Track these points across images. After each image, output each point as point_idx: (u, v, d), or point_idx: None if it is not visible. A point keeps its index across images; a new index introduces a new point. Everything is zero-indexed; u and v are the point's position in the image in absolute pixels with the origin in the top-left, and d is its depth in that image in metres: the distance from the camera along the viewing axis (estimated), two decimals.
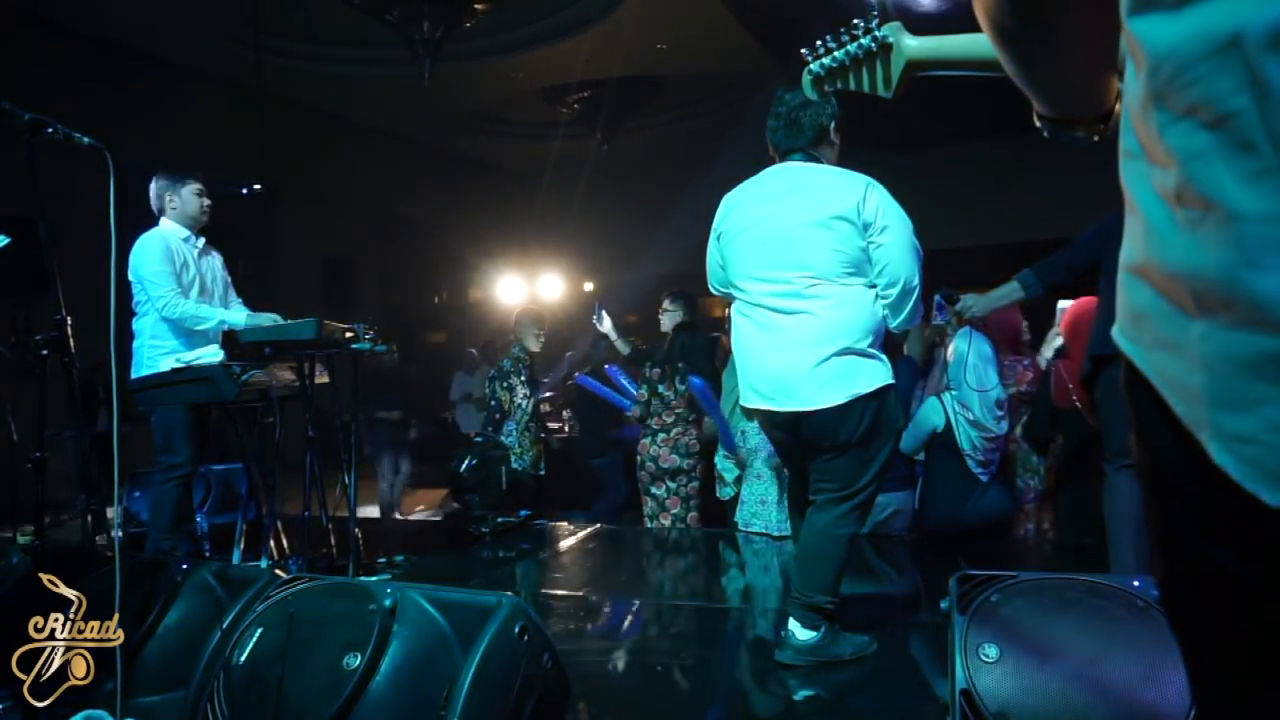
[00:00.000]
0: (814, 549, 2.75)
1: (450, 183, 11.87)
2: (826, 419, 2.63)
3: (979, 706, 1.70)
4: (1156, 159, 0.60)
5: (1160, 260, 0.61)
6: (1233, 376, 0.55)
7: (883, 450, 2.72)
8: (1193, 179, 0.56)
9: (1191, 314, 0.57)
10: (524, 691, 1.82)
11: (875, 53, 1.15)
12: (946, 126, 8.99)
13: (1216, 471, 0.56)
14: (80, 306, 2.40)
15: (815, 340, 2.61)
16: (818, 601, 2.69)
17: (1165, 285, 0.60)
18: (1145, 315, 0.63)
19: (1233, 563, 0.60)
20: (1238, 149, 0.53)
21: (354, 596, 1.97)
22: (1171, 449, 0.62)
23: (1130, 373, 0.66)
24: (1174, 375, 0.60)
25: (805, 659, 2.70)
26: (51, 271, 2.27)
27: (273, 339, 3.52)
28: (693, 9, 7.95)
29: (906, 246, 2.61)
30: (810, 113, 2.70)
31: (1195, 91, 0.55)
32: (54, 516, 5.32)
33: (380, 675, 1.81)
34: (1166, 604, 0.71)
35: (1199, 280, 0.56)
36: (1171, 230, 0.59)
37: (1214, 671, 0.67)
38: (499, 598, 1.89)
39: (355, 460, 3.92)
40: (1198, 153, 0.55)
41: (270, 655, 1.91)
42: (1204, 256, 0.56)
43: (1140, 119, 0.61)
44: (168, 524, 3.65)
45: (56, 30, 7.43)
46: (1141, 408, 0.65)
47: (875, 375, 2.65)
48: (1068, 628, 1.76)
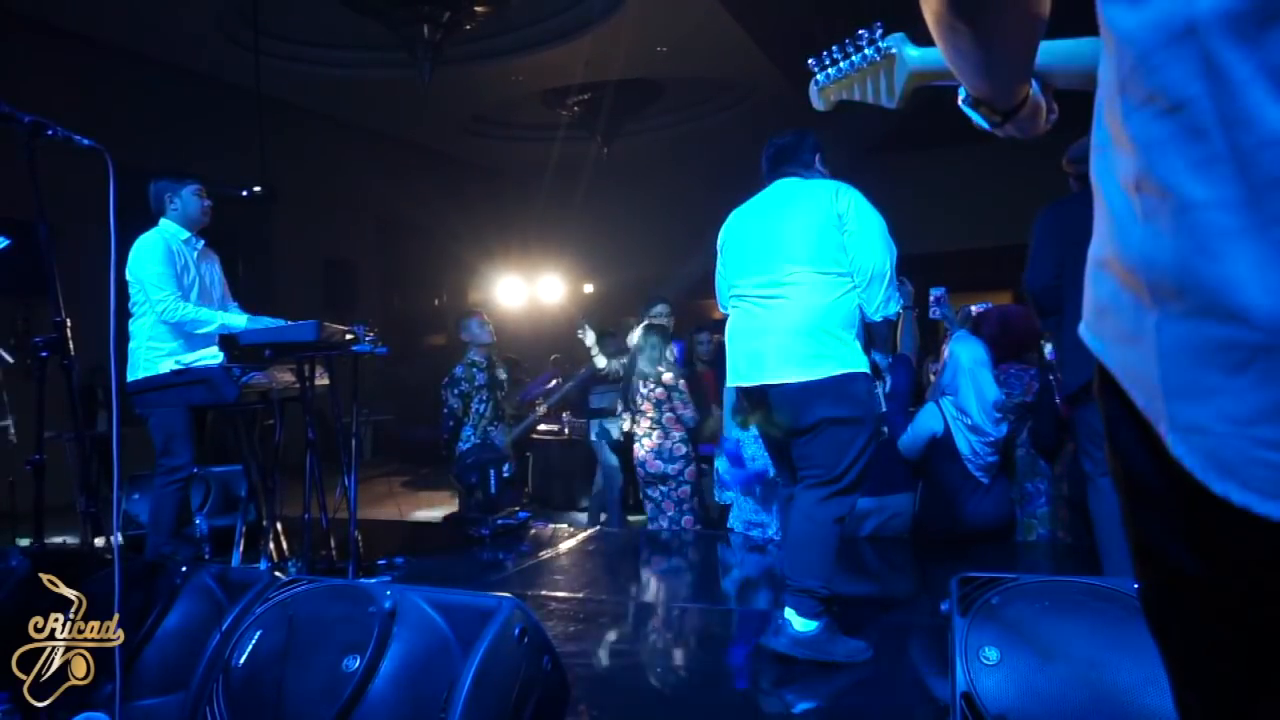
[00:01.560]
0: (799, 534, 2.86)
1: (450, 185, 11.87)
2: (793, 395, 2.80)
3: (979, 709, 1.70)
4: (1121, 148, 0.60)
5: (1120, 252, 0.61)
6: (1186, 366, 0.55)
7: (858, 436, 2.80)
8: (1151, 167, 0.56)
9: (1147, 305, 0.58)
10: (524, 694, 1.82)
11: (880, 64, 1.16)
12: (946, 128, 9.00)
13: (1176, 466, 0.56)
14: (79, 308, 2.40)
15: (787, 321, 2.83)
16: (808, 585, 2.75)
17: (1125, 277, 0.60)
18: (1107, 309, 0.63)
19: (1193, 561, 0.60)
20: (1190, 136, 0.53)
21: (354, 599, 1.97)
22: (1136, 446, 0.62)
23: (1101, 375, 0.66)
24: (1135, 368, 0.60)
25: (798, 651, 2.73)
26: (51, 273, 2.27)
27: (273, 341, 3.52)
28: (693, 11, 7.96)
29: (876, 236, 2.82)
30: (793, 144, 3.01)
31: (1154, 79, 0.55)
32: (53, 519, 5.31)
33: (380, 677, 1.80)
34: (1144, 610, 0.70)
35: (1154, 270, 0.57)
36: (1131, 221, 0.59)
37: (1189, 674, 0.67)
38: (499, 600, 1.89)
39: (355, 462, 3.92)
40: (1155, 141, 0.56)
41: (270, 657, 1.91)
42: (1159, 245, 0.56)
43: (1108, 107, 0.62)
44: (167, 526, 3.65)
45: (56, 32, 7.43)
46: (1110, 408, 0.65)
47: (843, 359, 2.79)
48: (1069, 631, 1.76)
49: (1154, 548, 0.64)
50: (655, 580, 4.32)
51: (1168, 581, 0.64)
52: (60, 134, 2.24)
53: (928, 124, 8.56)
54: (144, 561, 2.78)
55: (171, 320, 3.64)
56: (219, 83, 8.61)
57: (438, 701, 1.74)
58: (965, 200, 11.09)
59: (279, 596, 2.06)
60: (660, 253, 10.44)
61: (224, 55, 8.18)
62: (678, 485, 4.89)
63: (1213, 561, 0.59)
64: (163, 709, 2.11)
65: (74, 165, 2.37)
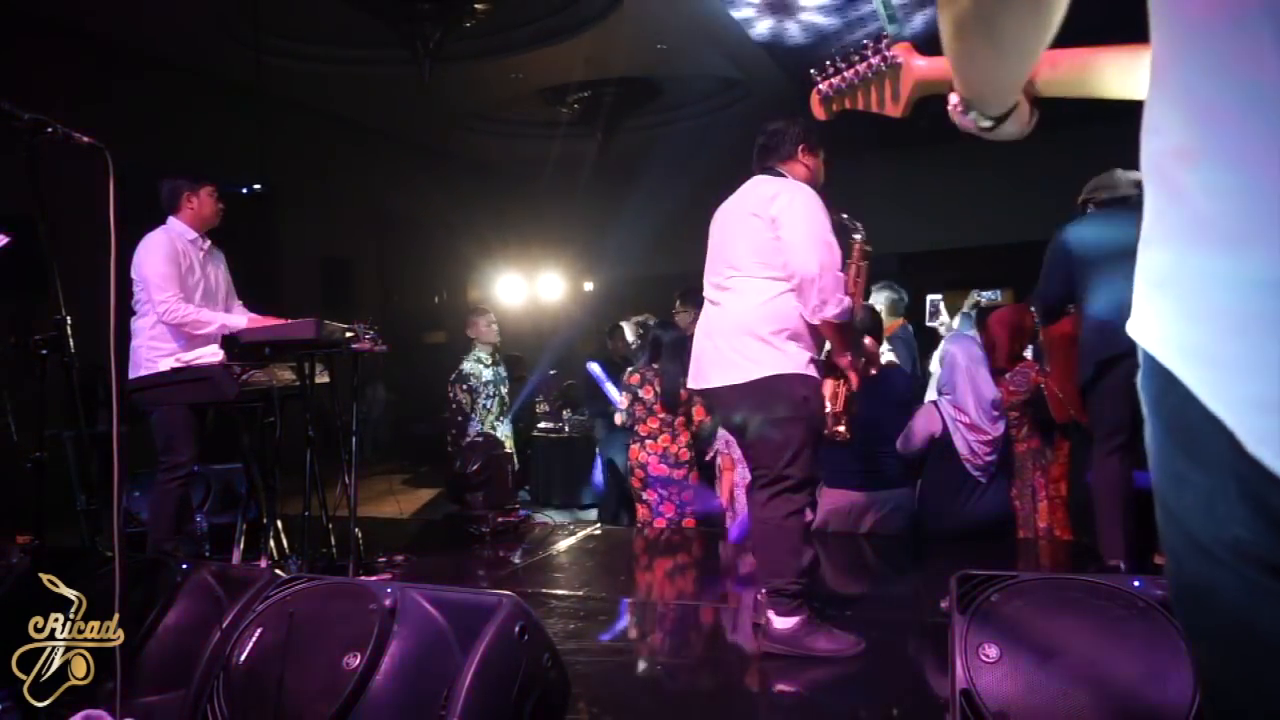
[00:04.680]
0: (756, 535, 2.93)
1: (450, 182, 11.86)
2: (727, 398, 2.90)
3: (979, 706, 1.70)
4: (1176, 128, 0.61)
5: (1176, 229, 0.61)
6: (1256, 339, 0.54)
7: (793, 436, 2.81)
8: (1216, 141, 0.57)
9: (1208, 281, 0.57)
10: (524, 691, 1.82)
11: (884, 73, 1.16)
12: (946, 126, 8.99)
13: (1244, 452, 0.55)
14: (80, 306, 2.40)
15: (719, 325, 2.91)
16: (775, 584, 2.81)
17: (1181, 252, 0.60)
18: (1163, 284, 0.63)
19: (1264, 546, 0.58)
20: (1257, 109, 0.54)
21: (354, 596, 1.97)
22: (1195, 435, 0.60)
23: (1149, 362, 0.65)
24: (1193, 343, 0.60)
25: (779, 648, 2.80)
26: (51, 271, 2.27)
27: (272, 339, 3.52)
28: (692, 9, 7.95)
29: (805, 239, 2.78)
30: (777, 136, 2.99)
31: (1214, 57, 0.57)
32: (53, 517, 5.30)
33: (380, 675, 1.81)
34: (1181, 605, 0.68)
35: (1216, 240, 0.57)
36: (1190, 198, 0.59)
37: (1226, 673, 0.66)
38: (499, 597, 1.89)
39: (355, 460, 3.92)
40: (1216, 117, 0.57)
41: (270, 655, 1.91)
42: (1225, 216, 0.56)
43: (1157, 87, 0.63)
44: (168, 524, 3.65)
45: (56, 30, 7.42)
46: (1161, 397, 0.64)
47: (770, 362, 2.81)
48: (1068, 628, 1.76)
49: (1207, 542, 0.62)
50: (655, 578, 4.32)
51: (1217, 576, 0.62)
52: (60, 131, 2.24)
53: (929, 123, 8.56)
54: (144, 559, 2.78)
55: (172, 321, 3.64)
56: (219, 79, 8.60)
57: (438, 699, 1.74)
58: (965, 200, 11.08)
59: (279, 594, 2.06)
60: (660, 251, 10.43)
61: (224, 52, 8.16)
62: (681, 489, 4.88)
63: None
64: (163, 706, 2.12)
65: (74, 162, 2.36)
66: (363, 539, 3.93)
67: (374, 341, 3.83)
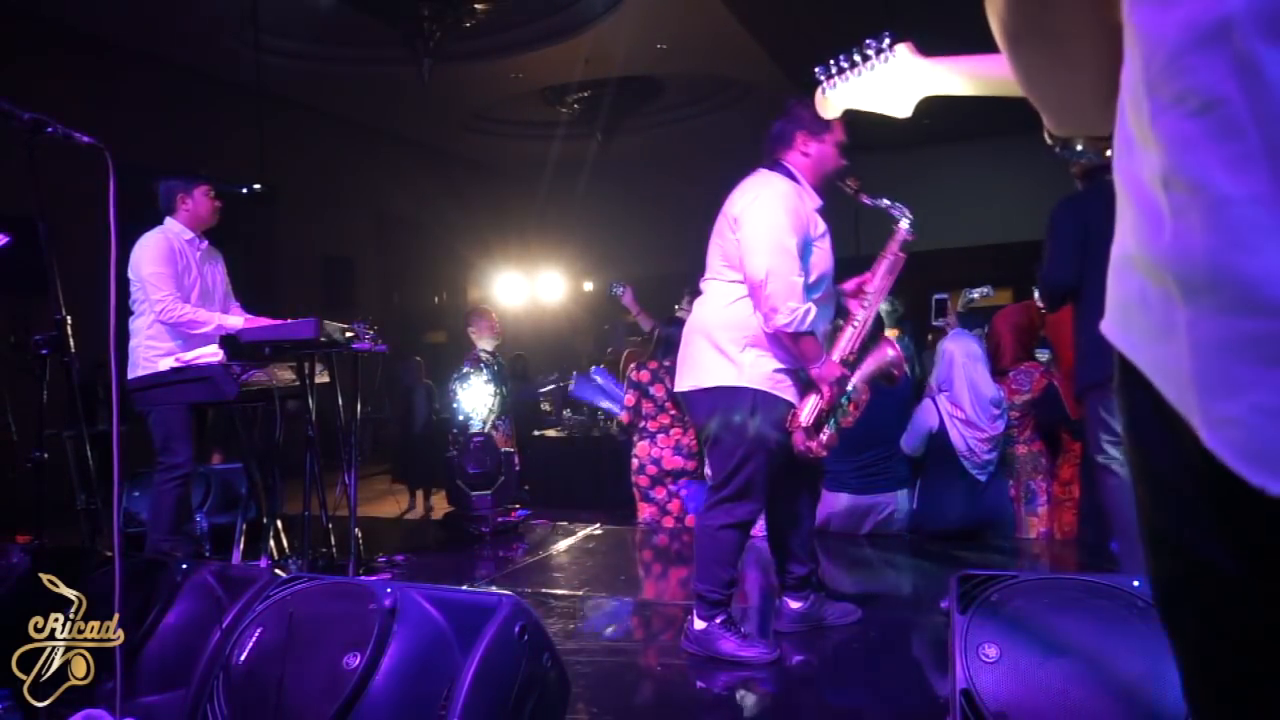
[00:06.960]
0: (695, 537, 2.93)
1: (450, 182, 11.87)
2: (686, 402, 2.92)
3: (979, 706, 1.70)
4: (1147, 148, 0.60)
5: (1148, 249, 0.61)
6: (1219, 361, 0.55)
7: (735, 451, 2.74)
8: (1181, 166, 0.56)
9: (1178, 301, 0.58)
10: (524, 691, 1.82)
11: (888, 73, 1.16)
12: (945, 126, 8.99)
13: (1207, 458, 0.56)
14: (80, 306, 2.40)
15: (688, 330, 2.90)
16: (697, 589, 2.84)
17: (1153, 274, 0.61)
18: (1134, 306, 0.64)
19: (1222, 554, 0.60)
20: (1224, 134, 0.53)
21: (354, 596, 1.97)
22: (1162, 440, 0.62)
23: (1123, 369, 0.67)
24: (1165, 364, 0.61)
25: (690, 646, 2.85)
26: (51, 271, 2.27)
27: (272, 339, 3.52)
28: (692, 9, 7.95)
29: (757, 241, 2.65)
30: (775, 138, 2.86)
31: (1185, 79, 0.55)
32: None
33: (380, 675, 1.80)
34: (1159, 604, 0.71)
35: (1184, 266, 0.57)
36: (1159, 219, 0.59)
37: (1205, 669, 0.68)
38: (499, 597, 1.89)
39: (355, 460, 3.92)
40: (1186, 140, 0.56)
41: (270, 655, 1.91)
42: (1189, 242, 0.56)
43: (1133, 109, 0.62)
44: (167, 524, 3.65)
45: (56, 29, 7.42)
46: (1134, 402, 0.66)
47: (718, 373, 2.75)
48: (1068, 627, 1.76)
49: (1176, 541, 0.64)
50: (655, 577, 4.32)
51: (1188, 575, 0.65)
52: (60, 131, 2.24)
53: (929, 122, 8.58)
54: (144, 559, 2.78)
55: (169, 321, 3.64)
56: (219, 79, 8.60)
57: (438, 699, 1.74)
58: (965, 199, 11.08)
59: (279, 594, 2.06)
60: (661, 251, 10.42)
61: (224, 52, 8.17)
62: (691, 482, 4.88)
63: (1243, 553, 0.59)
64: (163, 706, 2.11)
65: (74, 162, 2.36)
66: (362, 539, 3.93)
67: (374, 341, 3.83)
